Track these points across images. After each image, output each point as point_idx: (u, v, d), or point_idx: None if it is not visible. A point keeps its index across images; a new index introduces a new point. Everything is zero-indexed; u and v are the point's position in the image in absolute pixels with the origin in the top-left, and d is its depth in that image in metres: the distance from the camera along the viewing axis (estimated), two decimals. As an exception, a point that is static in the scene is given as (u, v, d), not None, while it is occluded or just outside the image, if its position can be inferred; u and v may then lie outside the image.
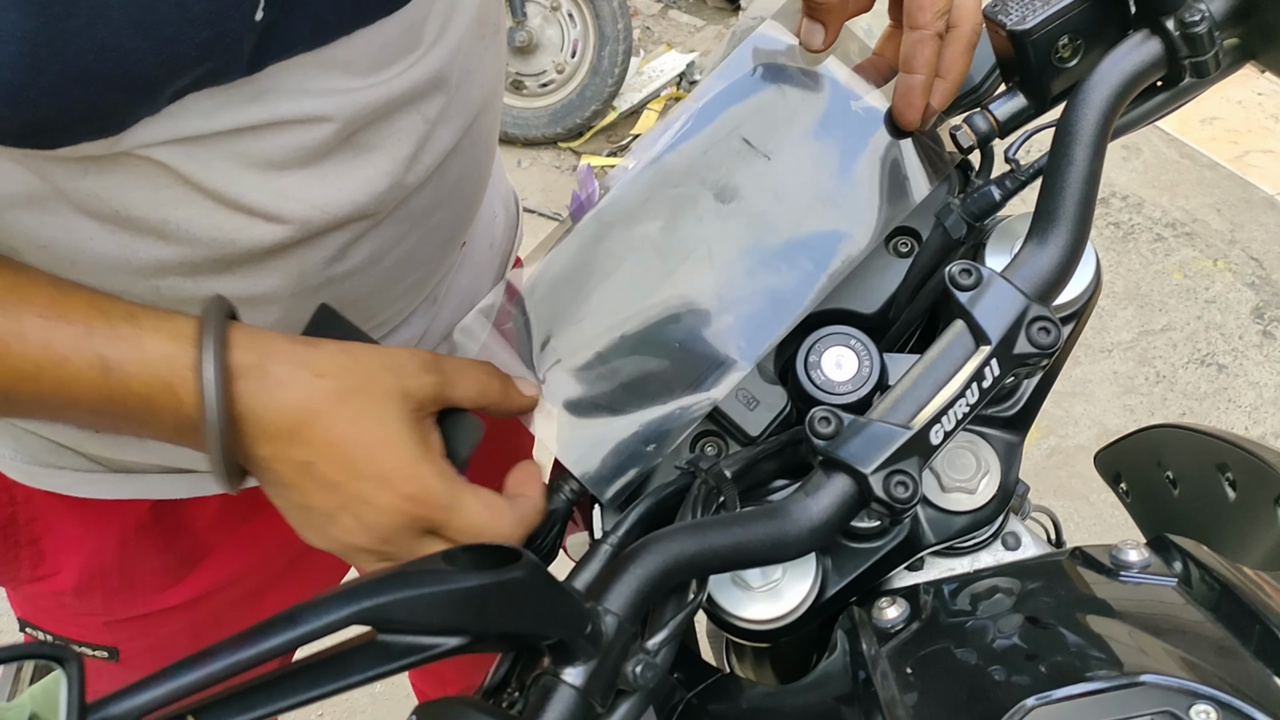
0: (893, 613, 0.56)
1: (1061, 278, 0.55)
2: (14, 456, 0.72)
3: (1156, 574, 0.54)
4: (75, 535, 0.76)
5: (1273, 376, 2.11)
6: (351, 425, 0.53)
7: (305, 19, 0.51)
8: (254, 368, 0.51)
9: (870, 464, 0.51)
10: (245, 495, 0.76)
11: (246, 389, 0.51)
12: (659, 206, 0.62)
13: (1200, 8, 0.53)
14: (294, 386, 0.52)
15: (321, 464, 0.52)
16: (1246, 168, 2.55)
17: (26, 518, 0.76)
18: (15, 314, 0.49)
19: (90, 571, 0.77)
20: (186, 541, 0.79)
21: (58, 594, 0.79)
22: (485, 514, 0.55)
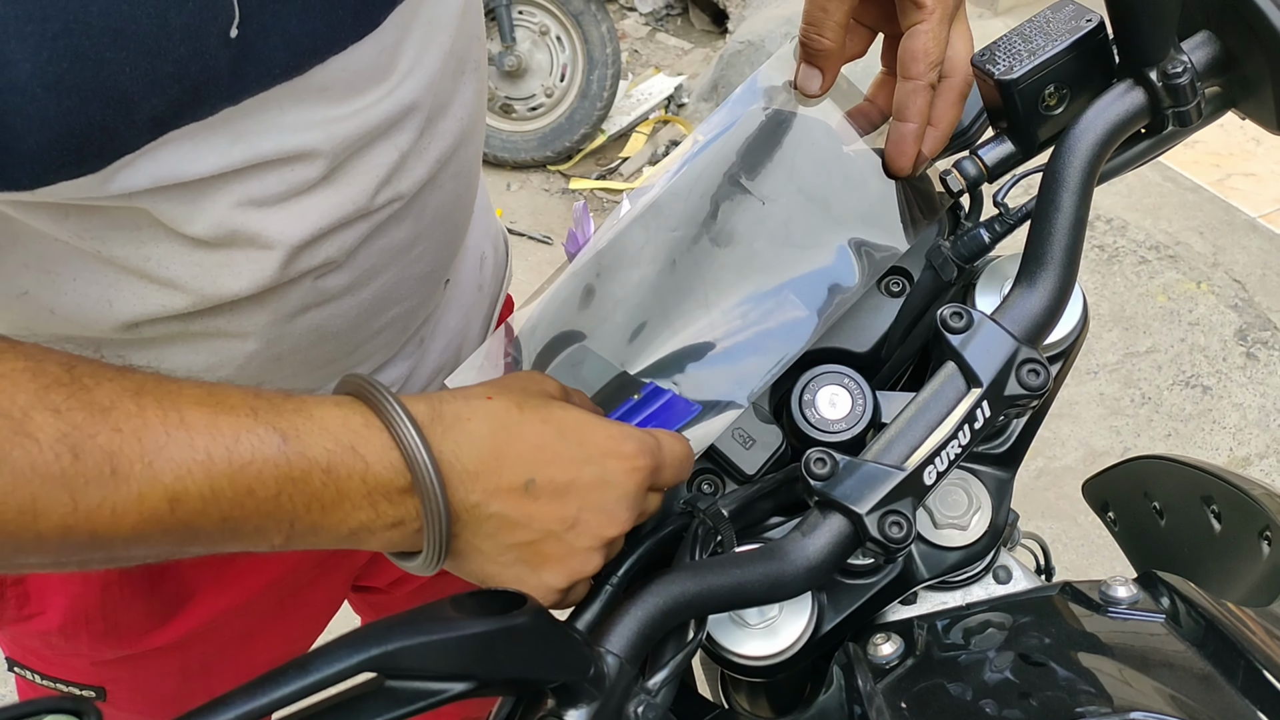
0: (887, 649, 0.57)
1: (1050, 320, 0.56)
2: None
3: (1144, 610, 0.55)
4: (60, 577, 0.75)
5: (1256, 398, 2.13)
6: (545, 424, 0.51)
7: (280, 41, 0.50)
8: (430, 413, 0.49)
9: (865, 505, 0.52)
10: None
11: (435, 434, 0.48)
12: (656, 249, 0.63)
13: (1183, 60, 0.54)
14: (475, 416, 0.50)
15: (542, 474, 0.50)
16: (1229, 190, 2.58)
17: None
18: (174, 404, 0.44)
19: (75, 613, 0.76)
20: (172, 583, 0.77)
21: (44, 634, 0.78)
22: (674, 442, 0.56)
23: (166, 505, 0.43)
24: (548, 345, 0.63)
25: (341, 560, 0.86)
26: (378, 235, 0.62)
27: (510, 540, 0.51)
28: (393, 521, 0.48)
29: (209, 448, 0.44)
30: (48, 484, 0.41)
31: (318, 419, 0.47)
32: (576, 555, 0.52)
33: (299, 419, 0.46)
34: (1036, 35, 0.58)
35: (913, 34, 0.58)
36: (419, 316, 0.74)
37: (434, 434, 0.48)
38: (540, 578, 0.52)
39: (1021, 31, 0.59)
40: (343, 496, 0.47)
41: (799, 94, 0.64)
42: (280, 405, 0.47)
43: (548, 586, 0.52)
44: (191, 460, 0.44)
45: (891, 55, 0.62)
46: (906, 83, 0.58)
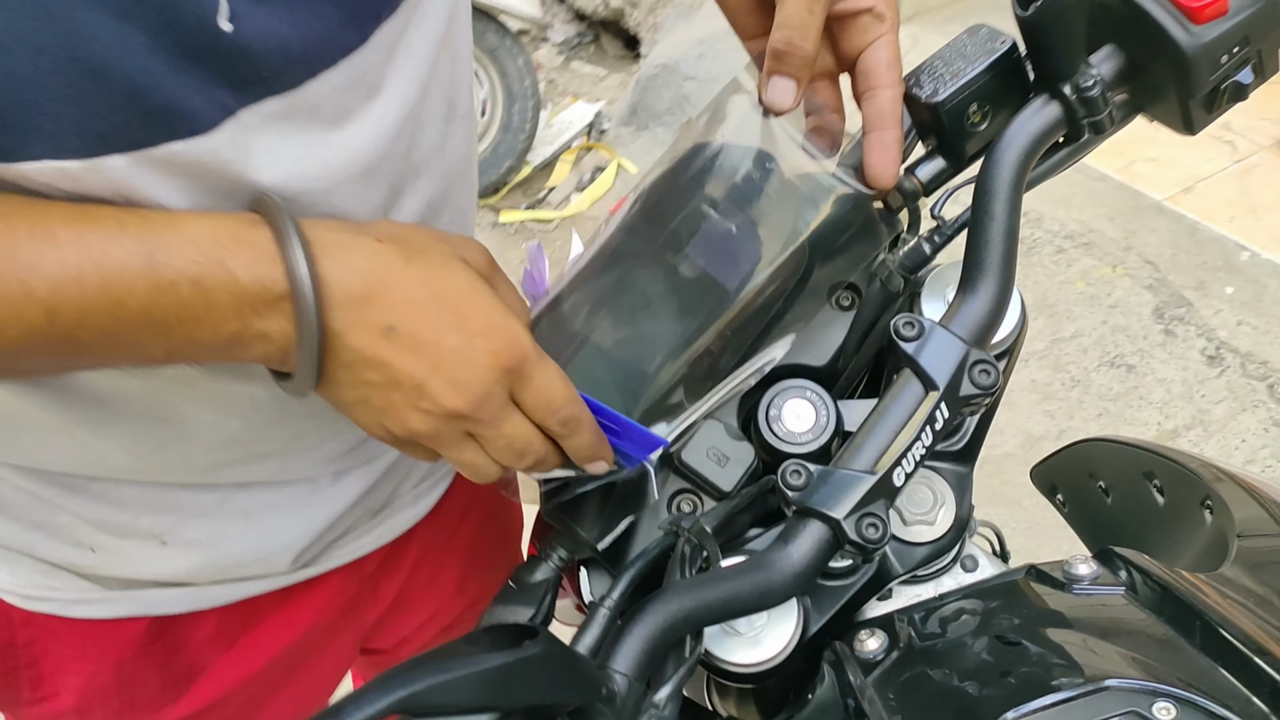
0: (873, 644, 0.60)
1: (994, 322, 0.60)
2: (9, 582, 0.72)
3: (1105, 584, 0.59)
4: (73, 655, 0.75)
5: (1179, 372, 2.23)
6: (427, 284, 0.52)
7: (275, 46, 0.49)
8: (314, 233, 0.49)
9: (842, 510, 0.55)
10: (242, 609, 0.76)
11: (314, 253, 0.49)
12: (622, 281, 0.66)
13: (1092, 73, 0.59)
14: (356, 251, 0.51)
15: (405, 325, 0.51)
16: (1134, 177, 2.69)
17: (25, 640, 0.75)
18: (42, 222, 0.46)
19: (90, 692, 0.76)
20: (184, 658, 0.78)
21: (58, 715, 0.78)
22: (560, 379, 0.55)
23: (45, 318, 0.45)
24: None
25: (351, 622, 0.86)
26: None
27: (362, 377, 0.52)
28: (260, 333, 0.50)
29: (79, 262, 0.45)
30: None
31: (186, 232, 0.48)
32: (416, 414, 0.52)
33: (167, 232, 0.47)
34: (956, 59, 0.63)
35: (879, 45, 0.60)
36: None
37: (314, 253, 0.49)
38: (382, 421, 0.53)
39: (942, 56, 0.63)
40: (211, 308, 0.48)
41: (767, 107, 0.61)
42: (149, 219, 0.48)
43: (386, 430, 0.54)
44: (63, 274, 0.45)
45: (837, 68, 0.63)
46: (882, 91, 0.59)
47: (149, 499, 0.68)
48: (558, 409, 0.55)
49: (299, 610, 0.81)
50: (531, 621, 0.63)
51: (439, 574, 0.91)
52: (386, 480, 0.76)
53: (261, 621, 0.79)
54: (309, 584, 0.80)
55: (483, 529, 0.95)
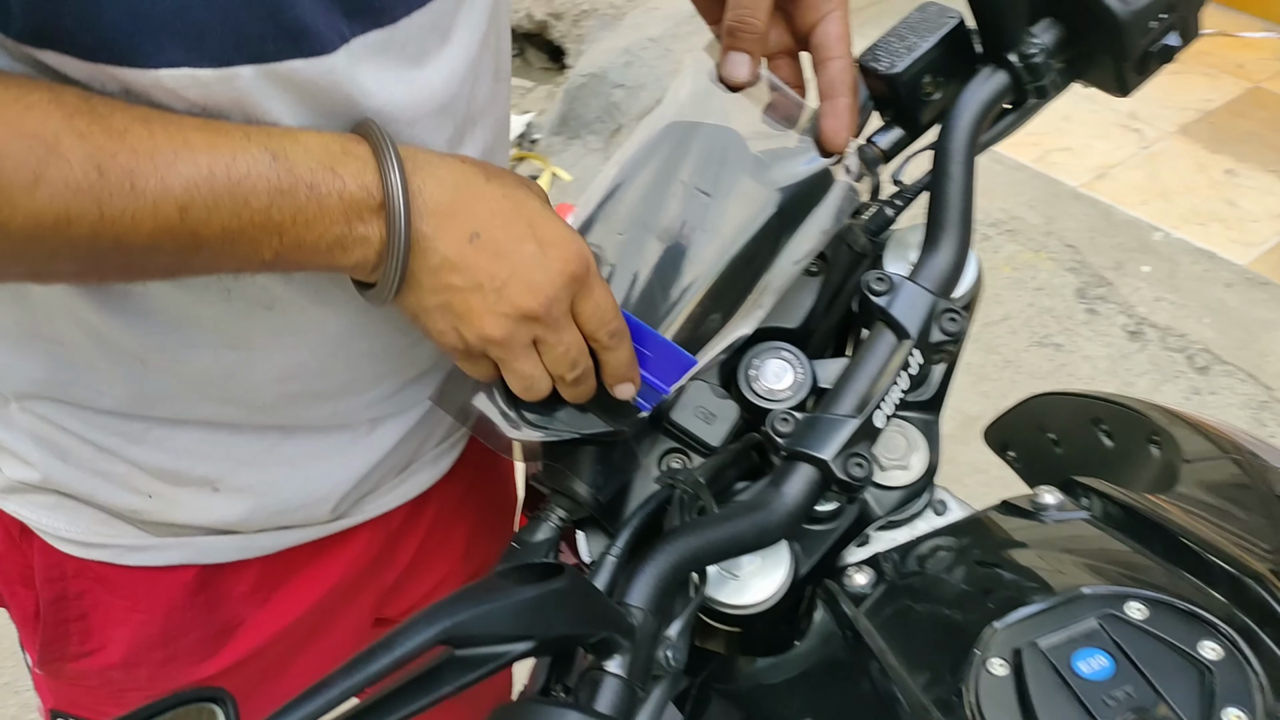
0: (861, 579, 0.64)
1: (956, 274, 0.65)
2: (68, 529, 0.75)
3: (1070, 511, 0.64)
4: (124, 607, 0.78)
5: (1103, 349, 2.33)
6: (505, 199, 0.58)
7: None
8: (408, 152, 0.56)
9: (829, 451, 0.59)
10: (280, 561, 0.79)
11: (408, 168, 0.55)
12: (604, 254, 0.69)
13: (1035, 42, 0.64)
14: (444, 167, 0.57)
15: (487, 233, 0.56)
16: (1050, 165, 2.80)
17: (76, 592, 0.78)
18: (177, 127, 0.51)
19: (138, 643, 0.79)
20: (224, 611, 0.81)
21: (104, 670, 0.80)
22: (611, 294, 0.61)
23: (177, 214, 0.50)
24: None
25: (371, 582, 0.90)
26: None
27: (446, 281, 0.57)
28: (361, 237, 0.55)
29: (210, 164, 0.51)
30: (79, 197, 0.48)
31: (303, 142, 0.54)
32: (492, 316, 0.57)
33: (287, 141, 0.53)
34: (909, 34, 0.67)
35: (830, 20, 0.65)
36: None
37: (408, 168, 0.55)
38: (458, 327, 0.59)
39: (896, 31, 0.68)
40: (323, 211, 0.54)
41: (725, 83, 0.66)
42: (270, 131, 0.53)
43: (460, 335, 0.59)
44: (196, 175, 0.50)
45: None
46: (834, 62, 0.65)
47: (203, 447, 0.72)
48: (609, 320, 0.61)
49: (330, 564, 0.84)
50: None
51: (449, 538, 0.94)
52: (414, 434, 0.80)
53: (296, 575, 0.83)
54: (340, 538, 0.83)
55: (489, 497, 0.98)
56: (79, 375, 0.67)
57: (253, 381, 0.69)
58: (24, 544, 0.78)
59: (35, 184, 0.47)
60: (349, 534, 0.84)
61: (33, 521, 0.76)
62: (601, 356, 0.62)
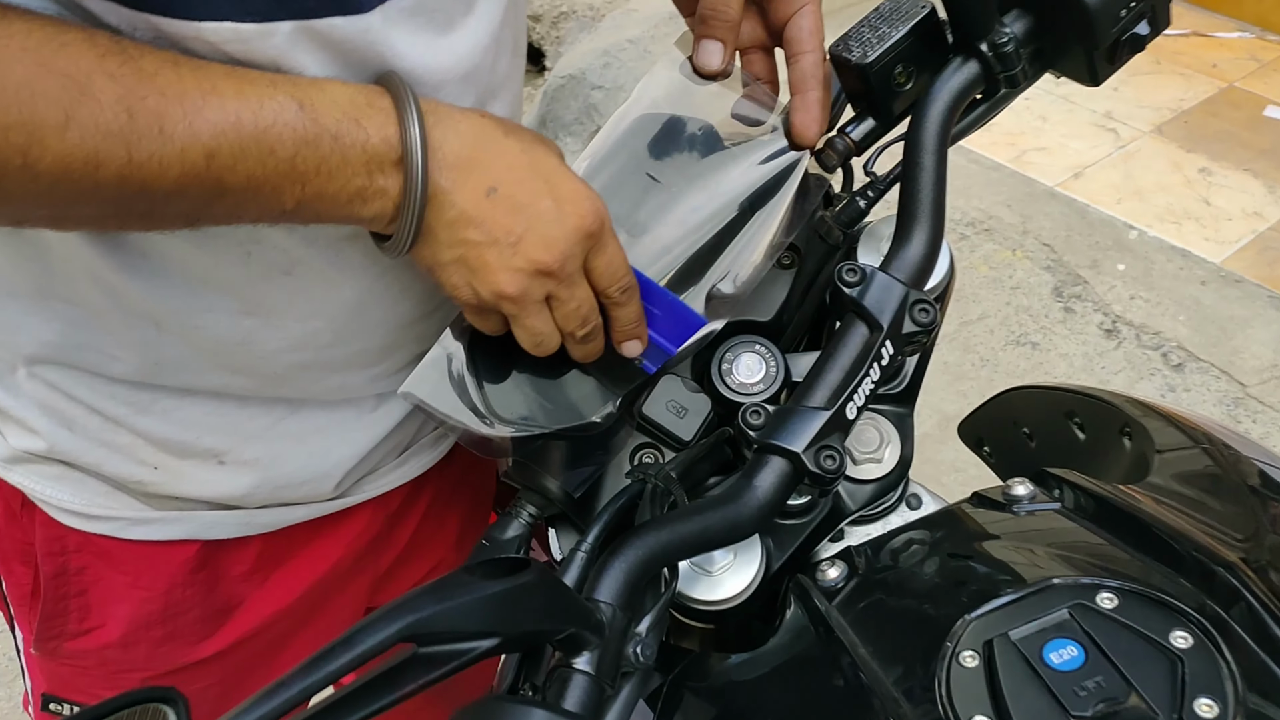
0: (833, 573, 0.64)
1: (929, 265, 0.65)
2: (72, 500, 0.74)
3: (1042, 503, 0.64)
4: (125, 583, 0.78)
5: (1079, 347, 2.34)
6: (524, 154, 0.58)
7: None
8: (429, 106, 0.56)
9: (801, 443, 0.59)
10: (281, 539, 0.80)
11: (428, 121, 0.55)
12: None
13: (1006, 31, 0.64)
14: (465, 122, 0.57)
15: (504, 188, 0.57)
16: (1026, 165, 2.82)
17: (77, 567, 0.77)
18: (206, 74, 0.51)
19: (138, 621, 0.79)
20: (224, 590, 0.81)
21: (101, 649, 0.80)
22: (623, 252, 0.61)
23: (203, 160, 0.50)
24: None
25: (368, 565, 0.90)
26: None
27: (461, 235, 0.57)
28: (380, 189, 0.55)
29: (238, 111, 0.51)
30: (109, 139, 0.48)
31: (329, 93, 0.54)
32: (507, 271, 0.58)
33: (313, 91, 0.53)
34: (880, 24, 0.67)
35: (803, 14, 0.66)
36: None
37: (428, 122, 0.55)
38: (472, 282, 0.59)
39: (868, 21, 0.67)
40: (345, 162, 0.54)
41: (698, 72, 0.67)
42: (297, 81, 0.53)
43: (474, 291, 0.59)
44: (224, 121, 0.51)
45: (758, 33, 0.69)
46: (806, 56, 0.65)
47: (210, 419, 0.72)
48: (621, 277, 0.61)
49: (330, 543, 0.84)
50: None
51: (443, 524, 0.95)
52: (416, 413, 0.80)
53: (295, 555, 0.83)
54: (340, 518, 0.84)
55: (483, 485, 0.99)
56: (92, 338, 0.67)
57: (266, 350, 0.69)
58: (24, 518, 0.78)
59: (66, 124, 0.47)
60: (349, 514, 0.84)
61: (36, 492, 0.75)
62: (611, 313, 0.63)
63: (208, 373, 0.70)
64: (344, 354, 0.72)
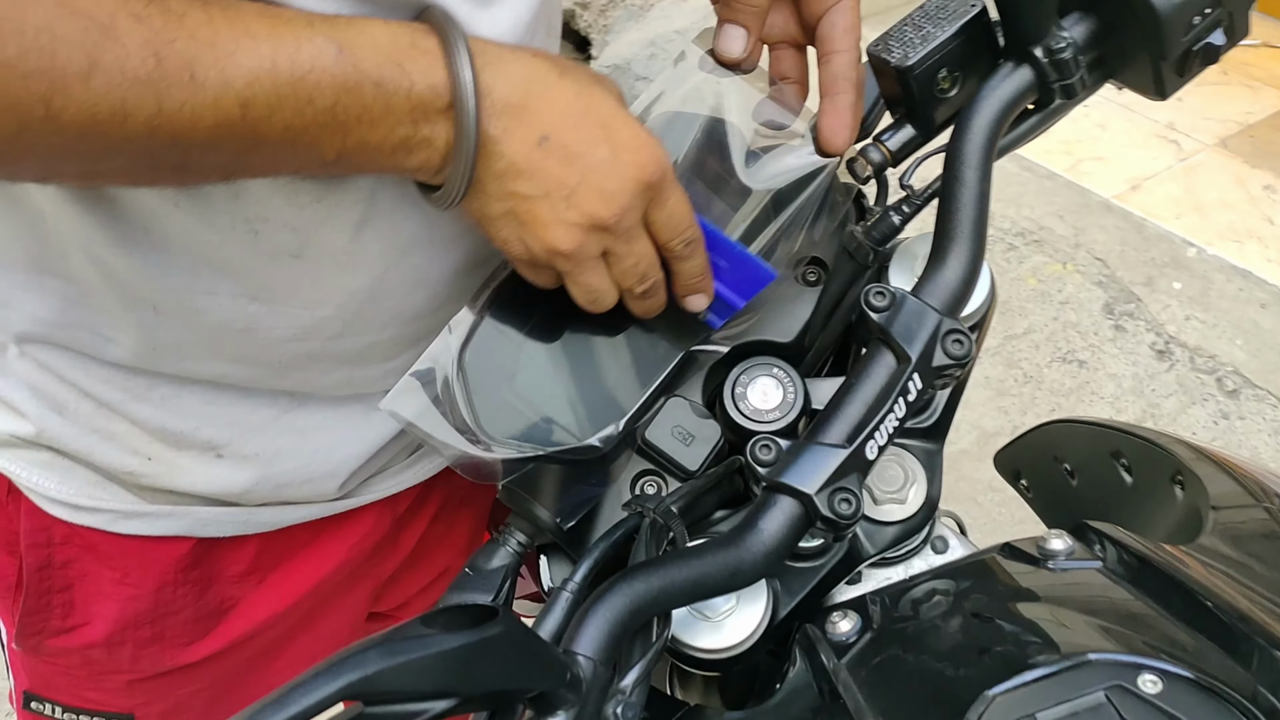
0: (845, 626, 0.58)
1: (966, 291, 0.59)
2: (60, 491, 0.71)
3: (1081, 559, 0.58)
4: (112, 579, 0.75)
5: (1129, 367, 2.25)
6: (578, 98, 0.54)
7: None
8: (478, 45, 0.52)
9: (814, 485, 0.53)
10: (280, 540, 0.77)
11: (478, 63, 0.51)
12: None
13: (1064, 35, 0.58)
14: (516, 63, 0.53)
15: (558, 136, 0.53)
16: (1081, 175, 2.72)
17: (62, 560, 0.74)
18: (238, 16, 0.47)
19: (125, 620, 0.76)
20: (217, 591, 0.78)
21: (85, 648, 0.76)
22: (687, 201, 0.57)
23: (238, 110, 0.47)
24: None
25: (372, 569, 0.87)
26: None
27: (511, 188, 0.53)
28: (425, 139, 0.52)
29: (274, 56, 0.47)
30: (136, 87, 0.44)
31: (370, 35, 0.50)
32: (561, 226, 0.54)
33: (353, 33, 0.49)
34: (925, 23, 0.61)
35: (837, 10, 0.61)
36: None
37: (477, 64, 0.51)
38: (523, 237, 0.55)
39: (912, 20, 0.61)
40: (389, 110, 0.50)
41: (719, 61, 0.63)
42: (334, 21, 0.50)
43: (525, 246, 0.55)
44: (259, 67, 0.47)
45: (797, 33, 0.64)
46: (838, 56, 0.61)
47: (209, 409, 0.69)
48: (685, 229, 0.57)
49: (332, 545, 0.81)
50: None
51: (452, 531, 0.91)
52: None
53: (294, 556, 0.80)
54: (344, 519, 0.80)
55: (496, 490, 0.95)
56: (87, 317, 0.64)
57: (270, 338, 0.65)
58: (10, 505, 0.74)
59: (90, 71, 0.43)
60: (354, 515, 0.81)
61: (21, 479, 0.72)
62: (674, 266, 0.59)
63: (208, 360, 0.66)
64: (353, 346, 0.68)
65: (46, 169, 0.49)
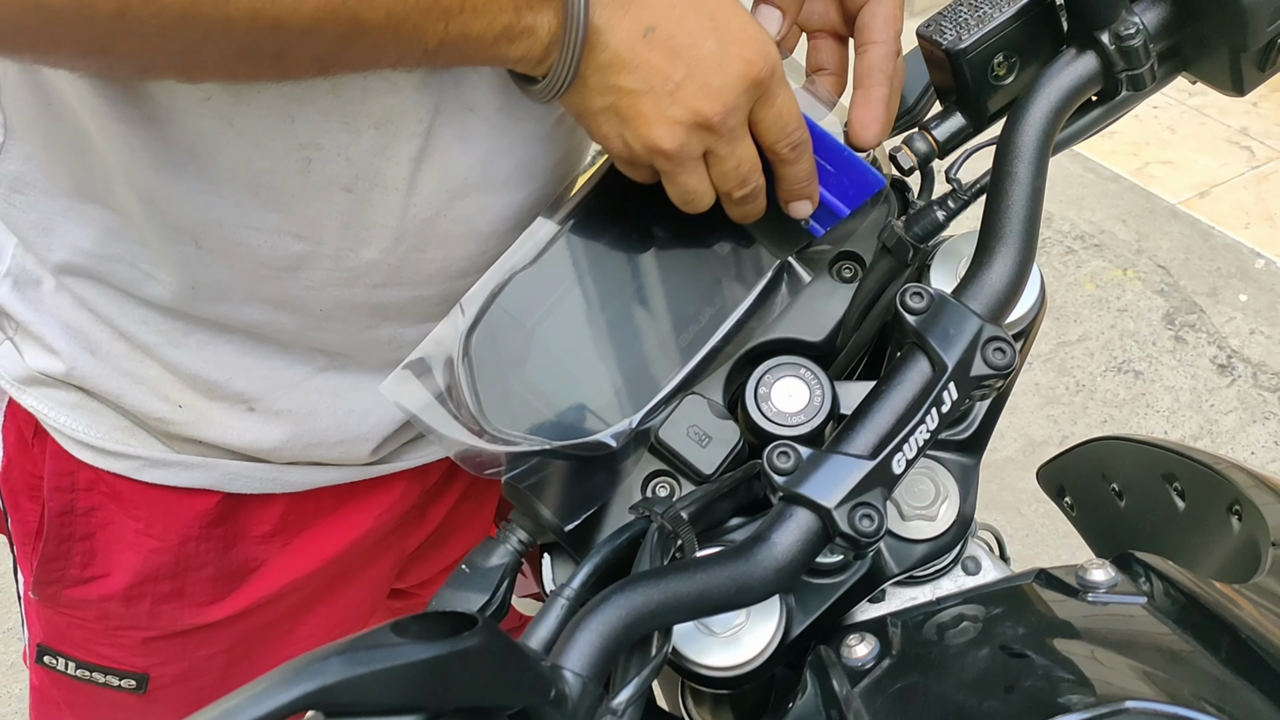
0: (862, 650, 0.54)
1: (1013, 295, 0.54)
2: (87, 433, 0.70)
3: (1124, 593, 0.53)
4: (136, 529, 0.73)
5: (1187, 380, 2.17)
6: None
7: None
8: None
9: (833, 498, 0.49)
10: (308, 502, 0.76)
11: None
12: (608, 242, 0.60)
13: (1134, 21, 0.53)
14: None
15: (664, 27, 0.51)
16: (1148, 179, 2.63)
17: (85, 507, 0.73)
18: None
19: (145, 573, 0.74)
20: (241, 551, 0.77)
21: (103, 600, 0.75)
22: (795, 101, 0.54)
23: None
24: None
25: (397, 541, 0.85)
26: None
27: (614, 81, 0.52)
28: (528, 28, 0.50)
29: None
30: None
31: None
32: (663, 123, 0.52)
33: None
34: (983, 3, 0.57)
35: (877, 1, 0.58)
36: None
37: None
38: (623, 134, 0.53)
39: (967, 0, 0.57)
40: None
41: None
42: None
43: (625, 143, 0.54)
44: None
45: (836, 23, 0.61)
46: (875, 47, 0.58)
47: (245, 359, 0.68)
48: (792, 130, 0.55)
49: (360, 512, 0.79)
50: (483, 610, 0.56)
51: (480, 508, 0.90)
52: None
53: (321, 521, 0.79)
54: (373, 485, 0.78)
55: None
56: (128, 250, 0.63)
57: (314, 280, 0.63)
58: (36, 447, 0.73)
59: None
60: (383, 483, 0.79)
61: (49, 419, 0.71)
62: (779, 170, 0.57)
63: (247, 304, 0.65)
64: (397, 299, 0.66)
65: (145, 56, 0.47)
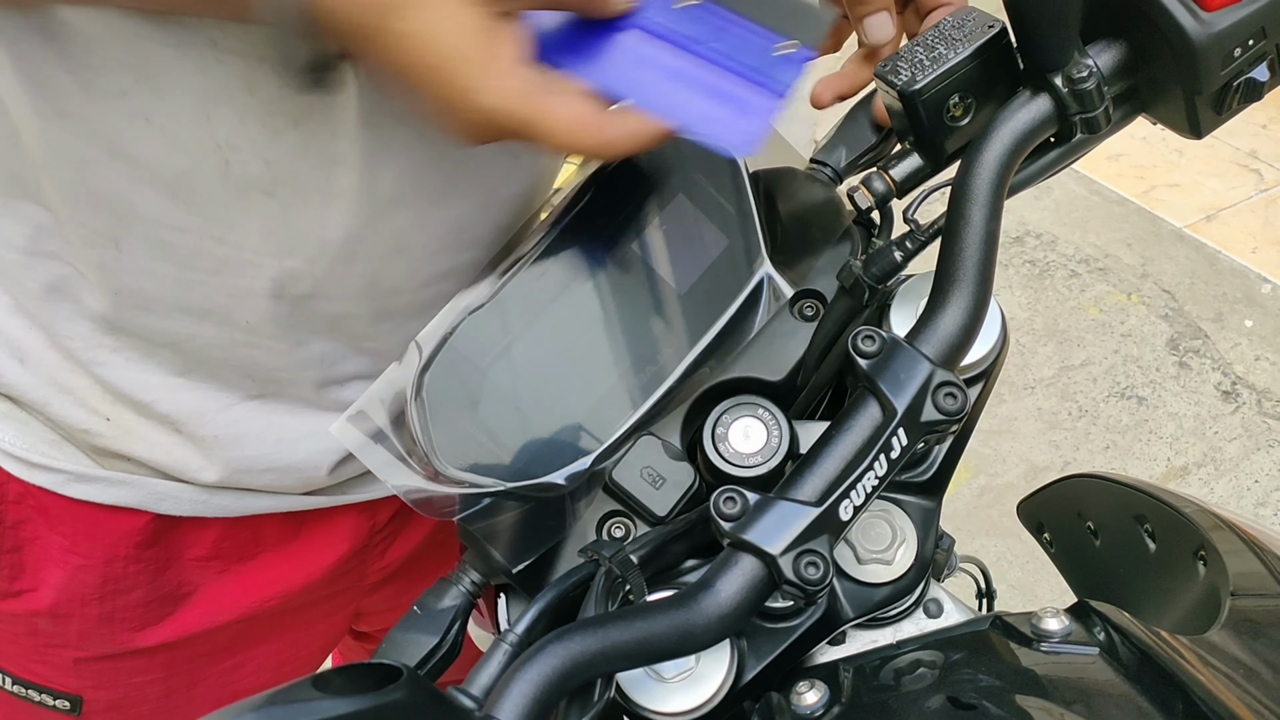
0: (811, 698, 0.53)
1: (966, 340, 0.54)
2: (14, 444, 0.69)
3: (1078, 643, 0.53)
4: (62, 546, 0.72)
5: (1191, 407, 2.15)
6: None
7: None
8: None
9: (778, 545, 0.48)
10: (245, 529, 0.74)
11: None
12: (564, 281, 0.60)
13: (1087, 64, 0.52)
14: None
15: None
16: (1154, 202, 2.61)
17: (15, 519, 0.71)
18: None
19: (72, 592, 0.73)
20: (175, 574, 0.74)
21: (31, 616, 0.74)
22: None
23: None
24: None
25: (344, 588, 0.84)
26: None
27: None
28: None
29: None
30: None
31: None
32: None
33: None
34: (938, 44, 0.56)
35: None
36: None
37: None
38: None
39: (924, 40, 0.56)
40: None
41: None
42: None
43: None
44: None
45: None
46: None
47: (171, 382, 0.67)
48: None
49: (304, 548, 0.77)
50: (433, 653, 0.56)
51: (444, 548, 0.88)
52: None
53: (261, 552, 0.77)
54: (319, 521, 0.77)
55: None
56: (59, 249, 0.62)
57: (237, 288, 0.62)
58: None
59: None
60: (329, 518, 0.77)
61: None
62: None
63: (172, 315, 0.64)
64: (325, 311, 0.65)
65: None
